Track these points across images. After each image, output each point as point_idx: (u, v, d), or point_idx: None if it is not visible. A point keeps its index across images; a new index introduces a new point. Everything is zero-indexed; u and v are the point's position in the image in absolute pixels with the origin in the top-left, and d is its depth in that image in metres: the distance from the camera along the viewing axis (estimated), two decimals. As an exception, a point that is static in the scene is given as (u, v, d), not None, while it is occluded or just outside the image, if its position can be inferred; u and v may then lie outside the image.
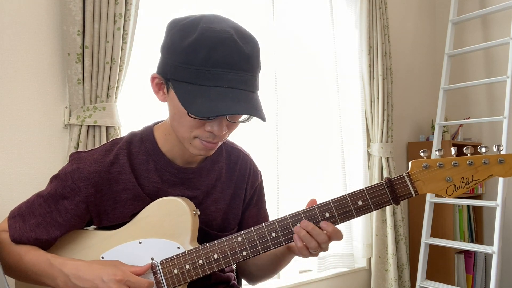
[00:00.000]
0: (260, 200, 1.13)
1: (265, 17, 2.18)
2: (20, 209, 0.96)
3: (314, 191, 2.30)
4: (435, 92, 3.07)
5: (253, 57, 0.83)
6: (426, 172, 0.86)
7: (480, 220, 2.93)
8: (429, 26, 3.15)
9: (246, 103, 0.80)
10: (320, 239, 0.86)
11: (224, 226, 1.04)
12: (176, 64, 0.82)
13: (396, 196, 0.86)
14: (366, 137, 2.57)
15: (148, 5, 1.84)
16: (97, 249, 0.96)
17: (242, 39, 0.82)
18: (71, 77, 1.56)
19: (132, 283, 0.86)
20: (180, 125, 0.87)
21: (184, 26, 0.83)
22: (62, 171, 0.95)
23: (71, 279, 0.87)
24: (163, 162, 0.97)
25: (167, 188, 0.97)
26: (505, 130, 2.33)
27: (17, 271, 0.94)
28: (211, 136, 0.87)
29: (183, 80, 0.81)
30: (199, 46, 0.79)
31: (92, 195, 0.93)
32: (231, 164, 1.07)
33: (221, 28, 0.80)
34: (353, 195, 0.87)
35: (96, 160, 0.94)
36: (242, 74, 0.81)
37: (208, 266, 0.91)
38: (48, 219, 0.93)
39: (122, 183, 0.95)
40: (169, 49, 0.84)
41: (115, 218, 0.96)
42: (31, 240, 0.93)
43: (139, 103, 1.80)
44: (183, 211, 0.93)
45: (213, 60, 0.79)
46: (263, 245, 0.89)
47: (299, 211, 0.89)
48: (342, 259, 2.38)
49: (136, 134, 1.00)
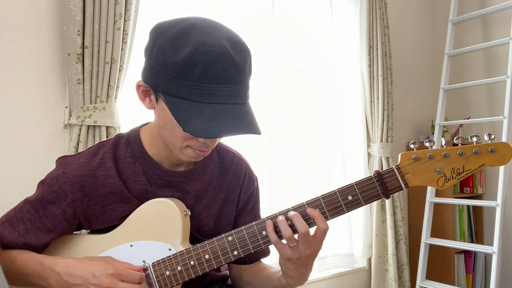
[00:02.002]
0: (255, 207, 1.10)
1: (265, 16, 2.18)
2: (8, 215, 0.96)
3: (314, 191, 2.30)
4: (435, 92, 3.07)
5: (246, 67, 0.81)
6: (416, 164, 0.84)
7: (480, 220, 2.93)
8: (429, 26, 3.15)
9: (243, 120, 0.79)
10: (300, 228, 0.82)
11: (217, 232, 1.02)
12: (168, 78, 0.78)
13: (386, 190, 0.85)
14: (366, 137, 2.57)
15: (148, 5, 1.84)
16: (89, 253, 0.96)
17: (235, 49, 0.79)
18: (71, 77, 1.56)
19: (124, 276, 0.86)
20: (171, 135, 0.86)
21: (175, 37, 0.78)
22: (49, 176, 0.94)
23: (63, 276, 0.87)
24: (150, 165, 0.95)
25: (156, 190, 0.96)
26: (505, 130, 2.33)
27: (9, 275, 0.92)
28: (204, 145, 0.86)
29: (176, 95, 0.78)
30: (194, 61, 0.76)
31: (78, 199, 0.92)
32: (224, 168, 1.04)
33: (215, 41, 0.77)
34: (343, 190, 0.86)
35: (81, 164, 0.93)
36: (237, 88, 0.80)
37: (200, 266, 0.90)
38: (37, 225, 0.93)
39: (108, 187, 0.93)
40: (158, 61, 0.80)
41: (104, 222, 0.95)
42: (20, 245, 0.93)
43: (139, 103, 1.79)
44: (173, 212, 0.92)
45: (208, 76, 0.76)
46: (253, 244, 0.89)
47: (289, 208, 0.88)
48: (342, 259, 2.39)
49: (123, 137, 0.98)
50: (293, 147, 2.26)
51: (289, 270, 0.88)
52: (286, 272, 0.89)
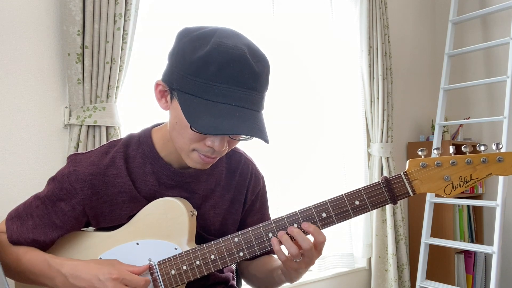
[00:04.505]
0: (263, 206, 1.11)
1: (264, 17, 2.18)
2: (18, 210, 0.97)
3: (314, 191, 2.30)
4: (435, 92, 3.07)
5: (263, 76, 0.81)
6: (424, 171, 0.85)
7: (480, 220, 2.93)
8: (429, 26, 3.15)
9: (252, 123, 0.79)
10: (304, 245, 0.84)
11: (223, 231, 1.03)
12: (183, 75, 0.80)
13: (393, 196, 0.85)
14: (366, 137, 2.57)
15: (148, 5, 1.84)
16: (95, 250, 0.97)
17: (254, 57, 0.80)
18: (71, 77, 1.56)
19: (128, 281, 0.87)
20: (180, 136, 0.86)
21: (197, 37, 0.81)
22: (59, 173, 0.95)
23: (69, 279, 0.88)
24: (160, 165, 0.96)
25: (164, 191, 0.97)
26: (505, 130, 2.33)
27: (16, 272, 0.94)
28: (210, 151, 0.86)
29: (189, 92, 0.79)
30: (210, 60, 0.77)
31: (88, 197, 0.93)
32: (231, 168, 1.05)
33: (234, 45, 0.79)
34: (350, 195, 0.87)
35: (93, 162, 0.94)
36: (250, 93, 0.80)
37: (205, 266, 0.91)
38: (45, 221, 0.94)
39: (118, 186, 0.94)
40: (178, 58, 0.82)
41: (112, 220, 0.96)
42: (28, 241, 0.94)
43: (139, 103, 1.80)
44: (180, 212, 0.93)
45: (223, 76, 0.77)
46: (260, 245, 0.89)
47: (296, 211, 0.88)
48: (342, 259, 2.39)
49: (134, 137, 0.99)
50: (293, 147, 2.26)
51: (290, 274, 0.91)
52: (286, 275, 0.93)
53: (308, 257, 0.85)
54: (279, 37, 2.21)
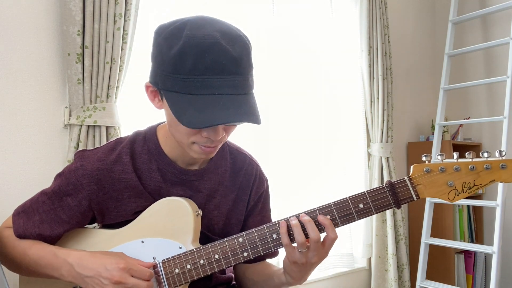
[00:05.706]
0: (264, 208, 1.11)
1: (264, 17, 2.18)
2: (25, 206, 0.98)
3: (314, 191, 2.30)
4: (435, 92, 3.07)
5: (242, 58, 0.81)
6: (428, 176, 0.86)
7: (480, 220, 2.93)
8: (429, 26, 3.15)
9: (238, 109, 0.79)
10: (312, 235, 0.84)
11: (226, 231, 1.04)
12: (166, 74, 0.81)
13: (397, 200, 0.86)
14: (366, 137, 2.57)
15: (148, 5, 1.84)
16: (100, 248, 0.98)
17: (229, 41, 0.80)
18: (71, 77, 1.56)
19: (135, 271, 0.88)
20: (177, 132, 0.88)
21: (170, 34, 0.81)
22: (67, 169, 0.96)
23: (75, 268, 0.89)
24: (165, 162, 0.97)
25: (169, 188, 0.98)
26: (505, 130, 2.33)
27: (22, 265, 0.95)
28: (209, 141, 0.87)
29: (173, 90, 0.80)
30: (184, 55, 0.78)
31: (94, 192, 0.94)
32: (236, 168, 1.06)
33: (206, 34, 0.78)
34: (354, 198, 0.87)
35: (99, 158, 0.95)
36: (232, 78, 0.79)
37: (209, 266, 0.91)
38: (51, 216, 0.95)
39: (124, 182, 0.96)
40: (158, 59, 0.83)
41: (118, 216, 0.97)
42: (34, 235, 0.95)
43: (139, 103, 1.80)
44: (186, 211, 0.93)
45: (200, 68, 0.78)
46: (263, 246, 0.90)
47: (300, 213, 0.89)
48: (342, 259, 2.39)
49: (140, 134, 1.01)
50: (292, 147, 2.26)
51: (292, 271, 0.90)
52: (289, 272, 0.92)
53: (313, 250, 0.85)
54: (279, 37, 2.21)
